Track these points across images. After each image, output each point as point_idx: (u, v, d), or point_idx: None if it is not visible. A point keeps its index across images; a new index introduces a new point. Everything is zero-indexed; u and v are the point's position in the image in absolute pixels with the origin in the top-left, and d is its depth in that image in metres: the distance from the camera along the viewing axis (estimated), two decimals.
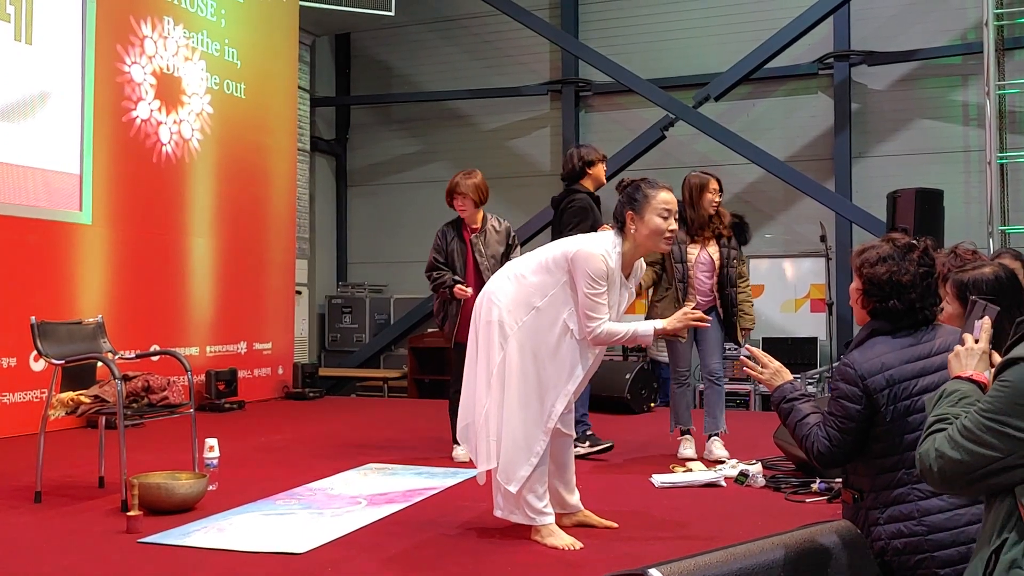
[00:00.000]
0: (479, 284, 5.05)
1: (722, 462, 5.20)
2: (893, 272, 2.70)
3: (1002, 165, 8.92)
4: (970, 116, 9.73)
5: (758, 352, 2.96)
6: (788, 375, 2.92)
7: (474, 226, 5.61)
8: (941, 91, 9.89)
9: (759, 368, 2.92)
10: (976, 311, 2.25)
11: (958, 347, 2.16)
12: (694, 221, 5.46)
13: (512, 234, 5.74)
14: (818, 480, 4.50)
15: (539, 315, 3.50)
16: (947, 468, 1.89)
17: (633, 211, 3.52)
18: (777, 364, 2.93)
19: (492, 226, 5.64)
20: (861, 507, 2.70)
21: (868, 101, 10.14)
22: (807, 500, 4.35)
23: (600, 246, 3.50)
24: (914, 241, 2.78)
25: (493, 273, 5.25)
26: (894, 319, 2.72)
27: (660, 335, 3.64)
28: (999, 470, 1.83)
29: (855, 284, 2.81)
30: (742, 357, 2.99)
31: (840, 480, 4.36)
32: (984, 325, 2.17)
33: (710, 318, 3.68)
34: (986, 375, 2.07)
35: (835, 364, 2.88)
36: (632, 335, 3.53)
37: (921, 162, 9.76)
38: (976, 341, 2.14)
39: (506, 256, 5.57)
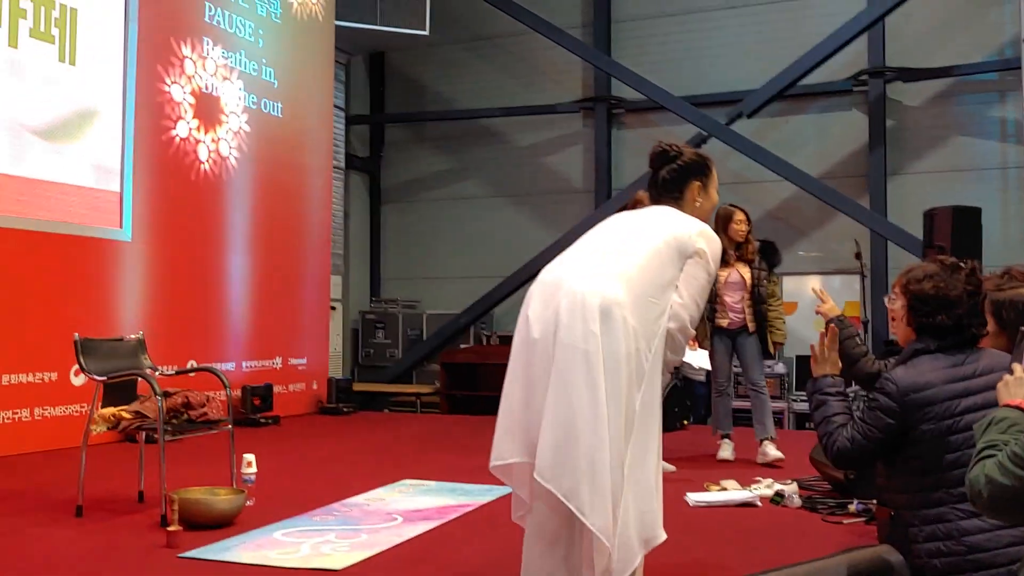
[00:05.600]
0: None
1: (780, 464, 5.75)
2: (940, 288, 2.74)
3: None
4: (1008, 132, 9.64)
5: (831, 334, 2.97)
6: (836, 368, 2.96)
7: None
8: (978, 107, 9.81)
9: (820, 347, 2.96)
10: None
11: (1007, 376, 2.17)
12: (724, 248, 5.91)
13: None
14: (855, 501, 4.47)
15: (662, 327, 2.67)
16: (996, 494, 1.92)
17: (702, 182, 2.92)
18: (835, 357, 2.97)
19: None
20: (899, 524, 2.71)
21: (903, 118, 10.07)
22: (844, 521, 4.31)
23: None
24: (961, 262, 2.81)
25: None
26: (941, 335, 2.74)
27: None
28: None
29: (900, 303, 2.84)
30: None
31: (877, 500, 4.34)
32: None
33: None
34: None
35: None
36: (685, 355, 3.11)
37: (958, 179, 9.68)
38: None
39: None
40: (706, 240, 2.74)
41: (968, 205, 7.63)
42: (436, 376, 10.42)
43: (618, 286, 2.57)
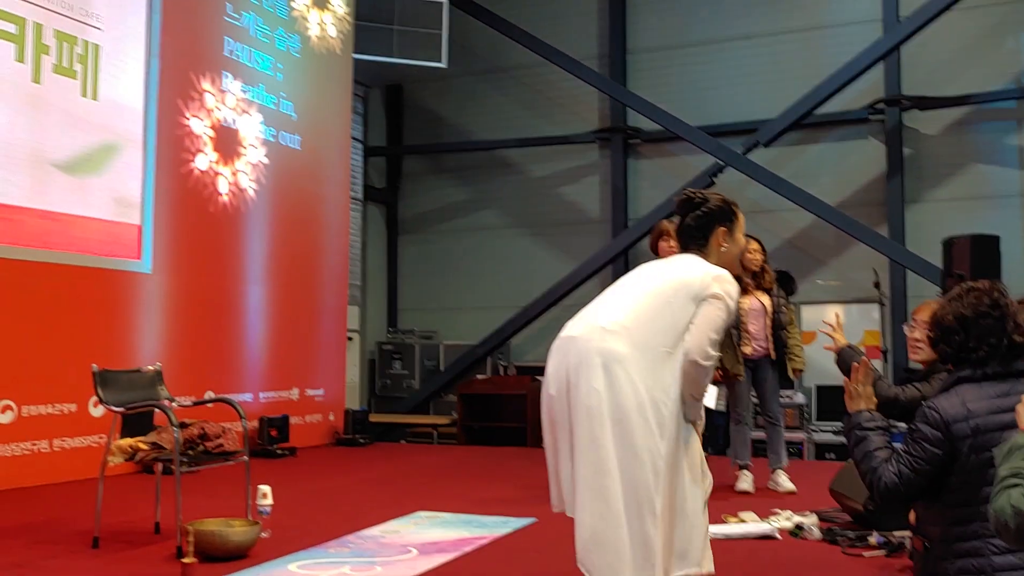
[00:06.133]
0: None
1: (792, 493, 5.84)
2: (943, 315, 2.69)
3: None
4: None
5: (864, 368, 2.89)
6: (872, 403, 2.87)
7: None
8: (995, 135, 9.77)
9: (854, 383, 2.88)
10: None
11: None
12: (739, 276, 5.93)
13: None
14: (875, 533, 4.41)
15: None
16: None
17: (727, 227, 2.99)
18: (870, 391, 2.89)
19: None
20: (931, 556, 2.65)
21: (921, 146, 10.05)
22: (865, 554, 4.25)
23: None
24: (978, 284, 2.74)
25: None
26: (951, 361, 2.69)
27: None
28: None
29: None
30: (854, 365, 2.92)
31: (898, 532, 4.29)
32: None
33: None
34: None
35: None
36: (706, 401, 2.93)
37: (977, 207, 9.62)
38: None
39: None
40: (721, 284, 2.79)
41: (987, 233, 7.60)
42: (453, 407, 10.41)
43: (619, 341, 2.68)
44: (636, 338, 2.68)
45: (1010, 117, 9.70)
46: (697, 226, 2.98)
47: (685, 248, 3.00)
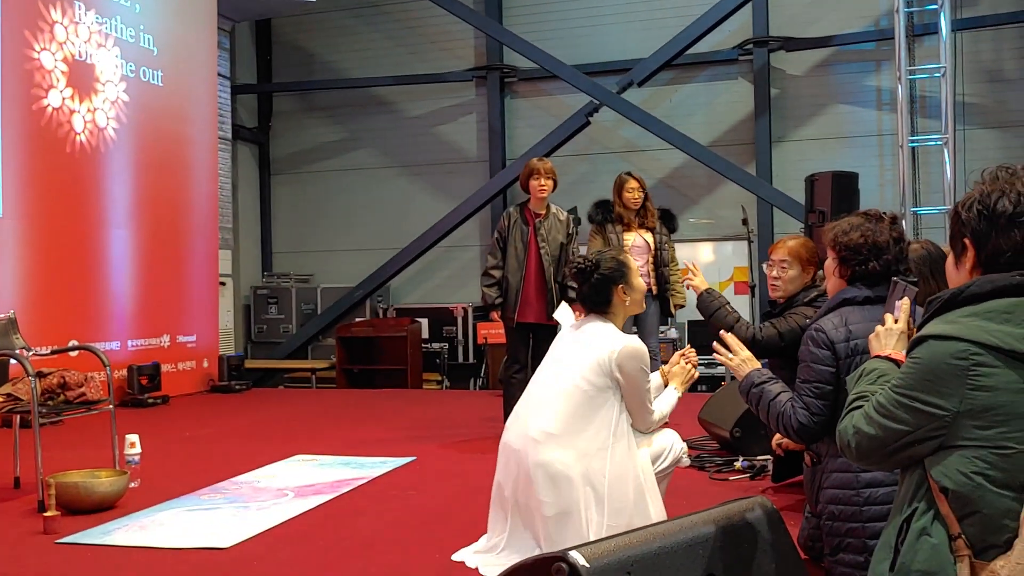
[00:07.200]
0: (540, 270, 5.58)
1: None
2: (867, 235, 2.77)
3: (913, 148, 9.17)
4: (883, 101, 10.00)
5: (730, 339, 2.96)
6: (756, 363, 2.93)
7: (539, 212, 5.67)
8: (856, 76, 10.14)
9: (729, 354, 2.94)
10: (896, 292, 2.29)
11: (878, 327, 2.20)
12: (621, 214, 6.21)
13: (572, 224, 5.81)
14: (741, 458, 4.61)
15: (619, 456, 3.00)
16: (863, 443, 1.94)
17: (624, 283, 3.16)
18: (747, 353, 2.94)
19: (555, 214, 5.69)
20: (816, 471, 2.82)
21: (787, 86, 10.34)
22: (730, 478, 4.45)
23: (624, 335, 3.13)
24: (882, 213, 2.86)
25: (553, 260, 5.40)
26: (872, 282, 2.77)
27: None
28: (910, 443, 1.89)
29: (829, 259, 2.88)
30: (715, 344, 2.95)
31: (761, 457, 4.49)
32: (903, 306, 2.21)
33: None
34: (904, 354, 2.11)
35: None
36: (672, 406, 3.28)
37: (838, 146, 10.00)
38: (896, 321, 2.19)
39: (566, 247, 5.63)
40: (620, 363, 2.99)
41: (847, 171, 7.91)
42: (332, 351, 10.30)
43: (554, 450, 2.95)
44: (567, 441, 2.95)
45: (869, 58, 10.06)
46: (595, 292, 3.17)
47: (590, 311, 3.19)
